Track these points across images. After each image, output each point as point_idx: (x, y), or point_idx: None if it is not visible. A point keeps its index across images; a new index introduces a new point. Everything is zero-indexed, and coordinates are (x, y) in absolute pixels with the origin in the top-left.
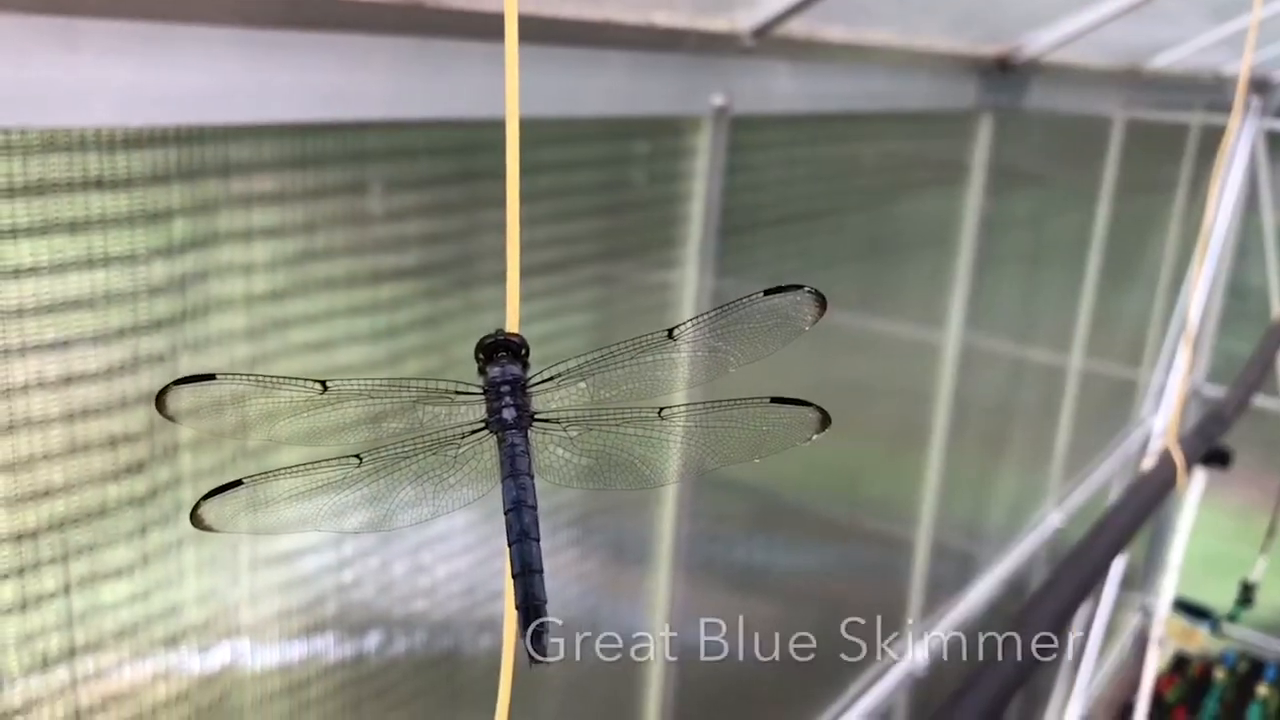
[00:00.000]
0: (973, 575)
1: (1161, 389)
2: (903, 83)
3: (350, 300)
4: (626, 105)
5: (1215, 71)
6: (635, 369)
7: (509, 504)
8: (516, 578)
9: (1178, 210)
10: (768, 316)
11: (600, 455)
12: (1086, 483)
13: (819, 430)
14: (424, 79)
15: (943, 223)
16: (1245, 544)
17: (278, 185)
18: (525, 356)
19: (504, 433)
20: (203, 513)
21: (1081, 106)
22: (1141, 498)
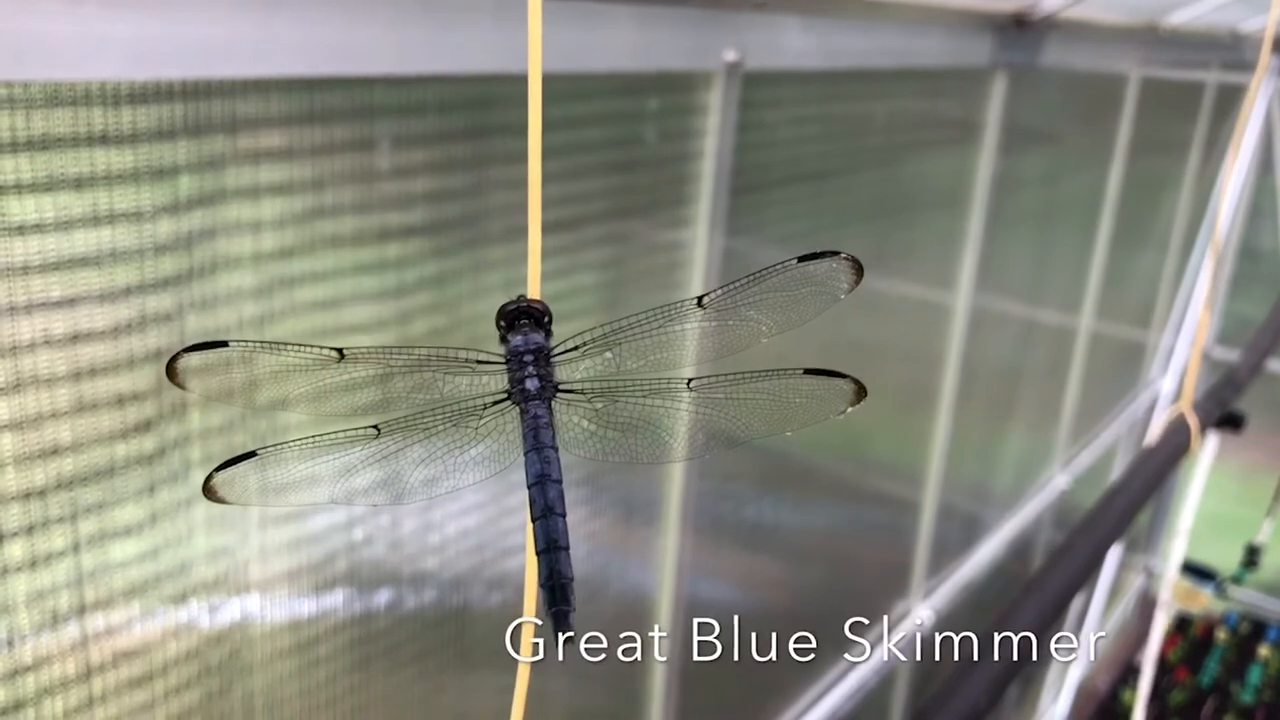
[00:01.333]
0: (979, 537)
1: (1170, 351)
2: (917, 40)
3: (358, 258)
4: (638, 60)
5: (1233, 29)
6: (663, 338)
7: (532, 478)
8: (541, 554)
9: (1191, 170)
10: (801, 284)
11: (626, 428)
12: (1093, 445)
13: (854, 403)
14: (431, 32)
15: (954, 182)
16: (1250, 506)
17: (285, 141)
18: (548, 324)
19: (527, 404)
20: (215, 484)
21: (1097, 64)
22: (1157, 461)
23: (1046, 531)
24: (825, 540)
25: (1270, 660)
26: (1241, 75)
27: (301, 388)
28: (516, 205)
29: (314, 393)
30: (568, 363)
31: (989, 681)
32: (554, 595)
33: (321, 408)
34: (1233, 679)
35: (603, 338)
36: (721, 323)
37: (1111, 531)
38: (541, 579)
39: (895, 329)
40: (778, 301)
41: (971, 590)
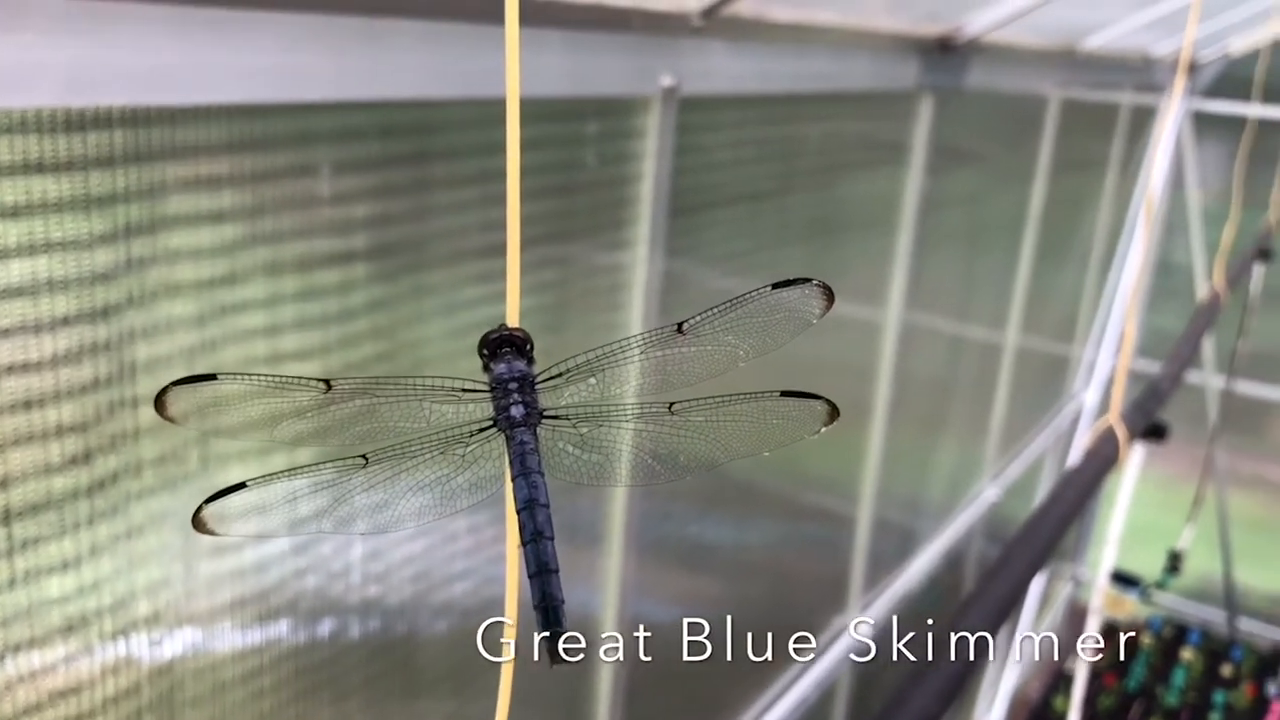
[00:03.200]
0: (913, 549)
1: (1093, 365)
2: (847, 63)
3: (298, 284)
4: (576, 85)
5: (1144, 53)
6: (645, 363)
7: (521, 503)
8: (534, 578)
9: (1109, 188)
10: (775, 310)
11: (611, 452)
12: (1021, 457)
13: (827, 423)
14: (370, 58)
15: (885, 202)
16: (1169, 514)
17: (224, 168)
18: (530, 352)
19: (512, 430)
20: (204, 517)
21: (1019, 86)
22: (1088, 472)
23: (978, 543)
24: (765, 556)
25: (1193, 663)
26: (1152, 96)
27: (289, 419)
28: (458, 230)
29: (301, 424)
30: (552, 389)
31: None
32: (547, 618)
33: (309, 439)
34: (1158, 682)
35: (585, 364)
36: (700, 348)
37: (1050, 538)
38: (534, 602)
39: (829, 346)
40: (753, 326)
41: (908, 602)
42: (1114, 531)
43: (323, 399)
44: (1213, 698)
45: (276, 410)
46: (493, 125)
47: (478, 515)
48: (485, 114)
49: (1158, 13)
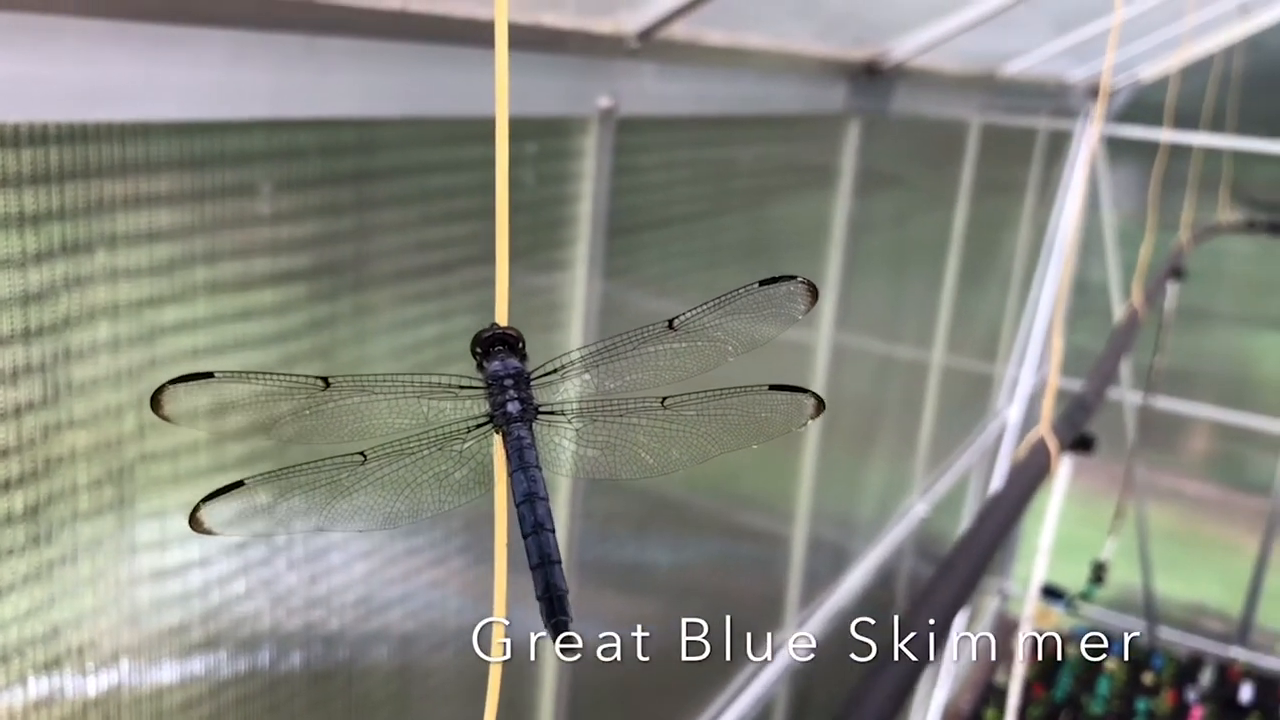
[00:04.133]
0: (846, 566)
1: (1015, 382)
2: (777, 86)
3: (239, 304)
4: (515, 105)
5: (1059, 79)
6: (638, 359)
7: (520, 496)
8: (535, 569)
9: (1027, 211)
10: (764, 306)
11: (606, 446)
12: (949, 473)
13: (814, 416)
14: (312, 77)
15: (815, 225)
16: (1090, 528)
17: (163, 186)
18: (523, 349)
19: (509, 426)
20: (202, 516)
21: (942, 111)
22: (1022, 483)
23: (909, 560)
24: (702, 576)
25: (1116, 672)
26: (1067, 121)
27: (286, 416)
28: (398, 249)
29: (298, 421)
30: (546, 385)
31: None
32: (552, 607)
33: (306, 436)
34: (1084, 692)
35: (580, 360)
36: (691, 344)
37: (986, 552)
38: (538, 592)
39: (762, 367)
40: (742, 323)
41: (843, 618)
42: (1045, 542)
43: (320, 396)
44: (1136, 705)
45: (274, 408)
46: (432, 145)
47: (416, 538)
48: (425, 133)
49: (1071, 40)
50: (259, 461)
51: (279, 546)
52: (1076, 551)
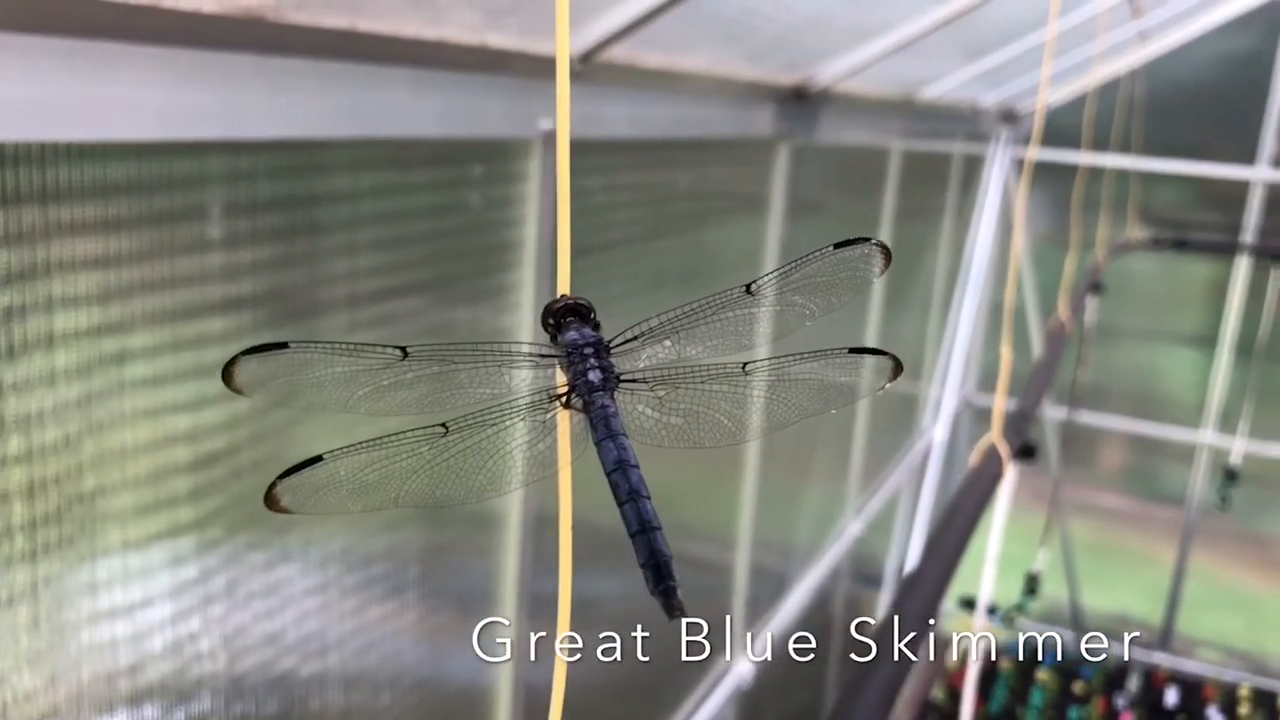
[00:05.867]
0: (787, 588)
1: (939, 402)
2: (711, 110)
3: (187, 332)
4: (457, 127)
5: (972, 103)
6: (717, 325)
7: (611, 464)
8: (635, 536)
9: (945, 234)
10: (839, 268)
11: (689, 414)
12: (880, 492)
13: (892, 378)
14: (262, 97)
15: (749, 249)
16: (1017, 543)
17: (109, 211)
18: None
19: (591, 395)
20: (279, 493)
21: (865, 137)
22: (977, 490)
23: (845, 581)
24: (648, 606)
25: (1048, 683)
26: (980, 146)
27: (364, 388)
28: (351, 273)
29: (376, 392)
30: (626, 353)
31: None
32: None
33: (384, 407)
34: (1018, 704)
35: (659, 327)
36: (769, 308)
37: (951, 561)
38: (642, 559)
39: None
40: (818, 285)
41: (786, 640)
42: (992, 551)
43: (399, 367)
44: (1068, 714)
45: (352, 379)
46: (385, 167)
47: (352, 576)
48: (374, 155)
49: (981, 67)
50: (211, 493)
51: (226, 589)
52: (1005, 566)
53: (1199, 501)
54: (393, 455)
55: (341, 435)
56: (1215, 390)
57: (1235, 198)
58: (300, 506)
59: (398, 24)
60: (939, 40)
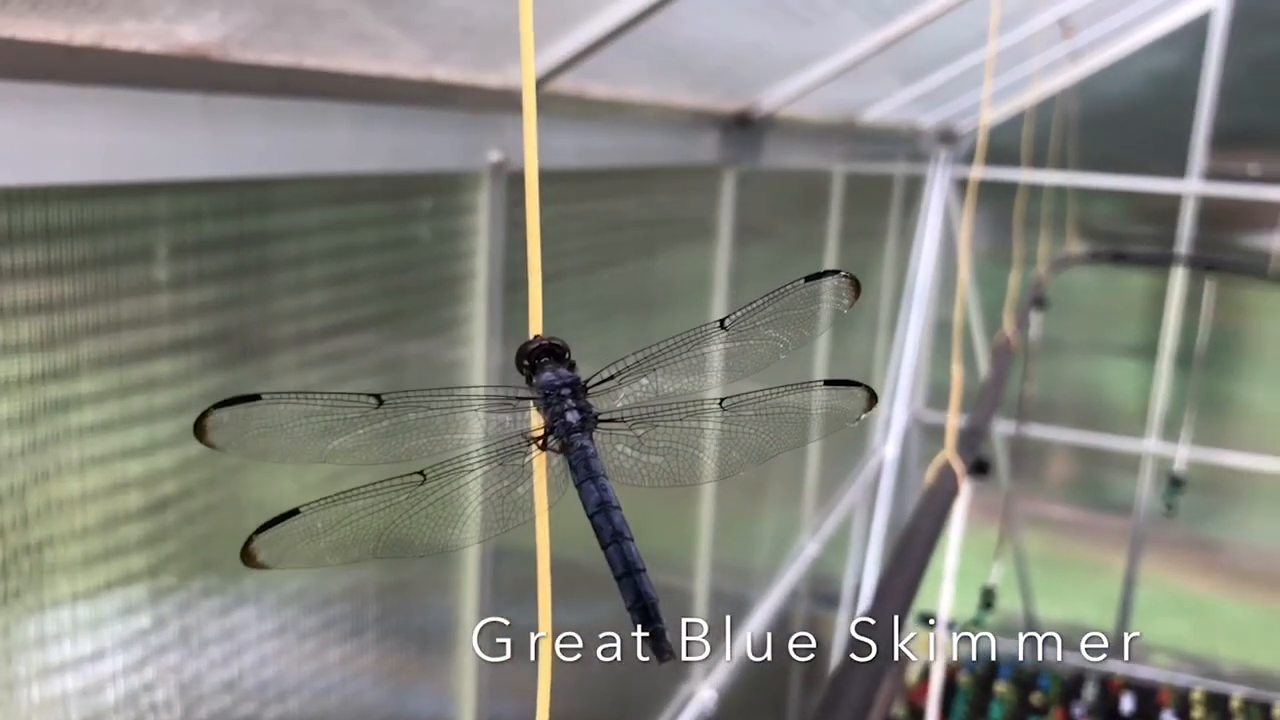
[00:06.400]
0: (746, 613)
1: (888, 421)
2: (657, 138)
3: (136, 376)
4: (405, 161)
5: (912, 125)
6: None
7: (594, 506)
8: (622, 579)
9: (889, 255)
10: (810, 301)
11: (668, 451)
12: (835, 512)
13: (867, 409)
14: (208, 136)
15: (698, 275)
16: (968, 557)
17: (51, 255)
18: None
19: (570, 436)
20: (255, 548)
21: (808, 161)
22: (935, 507)
23: (804, 603)
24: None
25: (1007, 695)
26: (921, 166)
27: (339, 437)
28: (301, 310)
29: (353, 441)
30: (603, 393)
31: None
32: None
33: (360, 456)
34: (978, 717)
35: (636, 365)
36: (743, 343)
37: (914, 577)
38: (629, 602)
39: None
40: (791, 319)
41: (747, 665)
42: (950, 566)
43: (374, 415)
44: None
45: (327, 429)
46: (333, 202)
47: (310, 618)
48: (320, 192)
49: (918, 90)
50: (163, 539)
51: (180, 637)
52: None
53: (1146, 509)
54: (370, 506)
55: (297, 479)
56: (1157, 399)
57: (1168, 211)
58: (277, 562)
59: (343, 60)
60: (877, 64)
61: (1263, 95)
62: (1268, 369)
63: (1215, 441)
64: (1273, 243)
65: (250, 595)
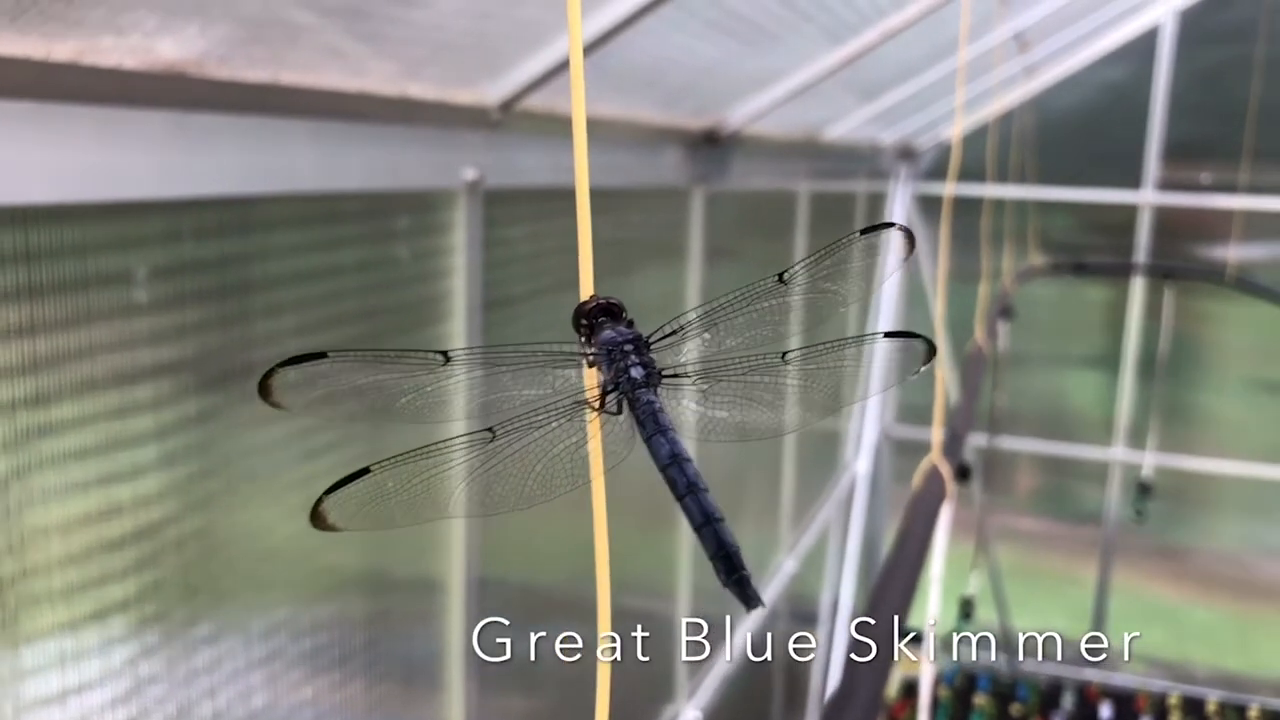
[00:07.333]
0: (728, 631)
1: (859, 436)
2: (627, 156)
3: (117, 401)
4: (383, 180)
5: (872, 143)
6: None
7: (665, 459)
8: (701, 529)
9: None
10: (866, 254)
11: (733, 405)
12: (811, 529)
13: (925, 362)
14: (184, 155)
15: (670, 293)
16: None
17: (28, 277)
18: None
19: (635, 392)
20: (325, 509)
21: (774, 179)
22: (925, 509)
23: (784, 621)
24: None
25: (986, 707)
26: (882, 183)
27: (406, 395)
28: (281, 332)
29: (419, 399)
30: (665, 348)
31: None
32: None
33: (427, 414)
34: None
35: (697, 320)
36: (803, 296)
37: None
38: (710, 551)
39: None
40: (848, 271)
41: (730, 684)
42: (936, 571)
43: (442, 372)
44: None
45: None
46: (314, 223)
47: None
48: (301, 211)
49: (876, 108)
50: (147, 567)
51: (169, 661)
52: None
53: (1116, 518)
54: (440, 464)
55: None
56: (1122, 407)
57: (1125, 223)
58: (347, 522)
59: (319, 76)
60: (838, 81)
61: (1212, 106)
62: (1227, 375)
63: (1180, 447)
64: (1227, 250)
65: (236, 624)
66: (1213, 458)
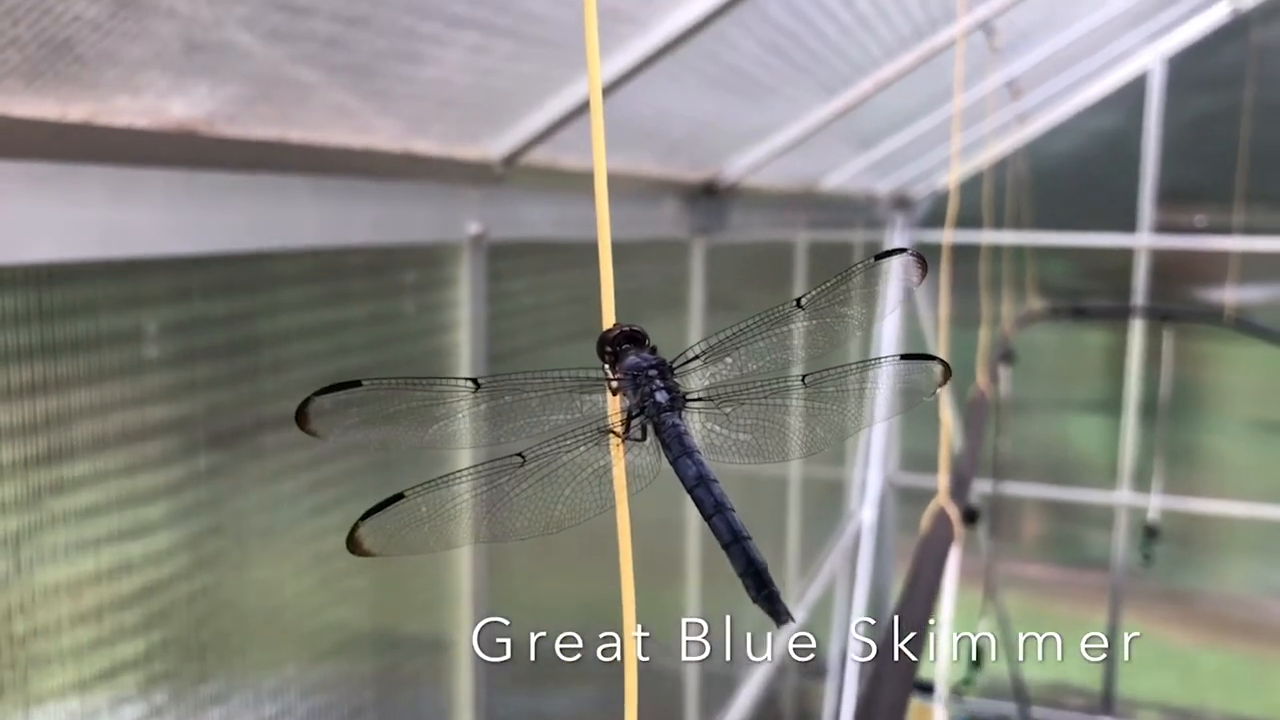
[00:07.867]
0: (735, 688)
1: (864, 484)
2: (627, 208)
3: (126, 458)
4: (389, 235)
5: (868, 192)
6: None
7: (693, 480)
8: (729, 546)
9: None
10: (881, 279)
11: (755, 429)
12: (818, 580)
13: (941, 383)
14: (196, 212)
15: (672, 344)
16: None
17: (38, 336)
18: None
19: (660, 416)
20: (361, 535)
21: (773, 229)
22: (934, 552)
23: (791, 676)
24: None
25: None
26: (878, 233)
27: (437, 421)
28: (290, 387)
29: (450, 425)
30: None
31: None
32: (759, 579)
33: (459, 440)
34: None
35: (719, 345)
36: (820, 321)
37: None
38: (739, 569)
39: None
40: (864, 296)
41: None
42: (946, 614)
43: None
44: None
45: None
46: (320, 279)
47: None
48: (309, 267)
49: (875, 155)
50: (156, 625)
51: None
52: None
53: (1123, 563)
54: (472, 489)
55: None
56: (1126, 451)
57: (1122, 267)
58: (383, 548)
59: (326, 134)
60: (833, 131)
61: (1203, 150)
62: (1230, 416)
63: (1185, 490)
64: (1224, 292)
65: (244, 683)
66: (1218, 499)
